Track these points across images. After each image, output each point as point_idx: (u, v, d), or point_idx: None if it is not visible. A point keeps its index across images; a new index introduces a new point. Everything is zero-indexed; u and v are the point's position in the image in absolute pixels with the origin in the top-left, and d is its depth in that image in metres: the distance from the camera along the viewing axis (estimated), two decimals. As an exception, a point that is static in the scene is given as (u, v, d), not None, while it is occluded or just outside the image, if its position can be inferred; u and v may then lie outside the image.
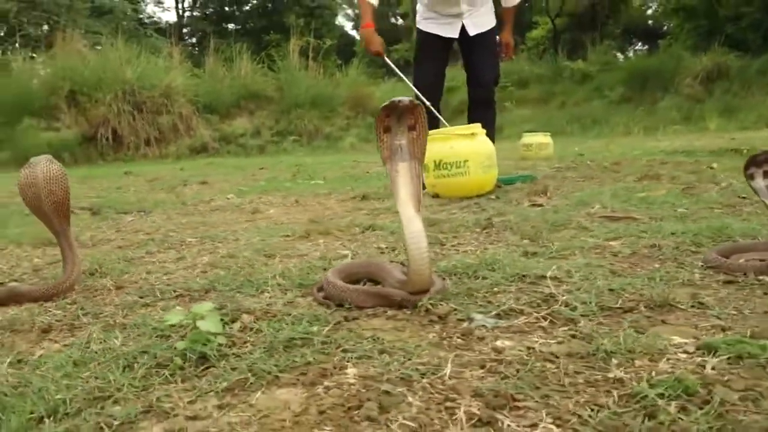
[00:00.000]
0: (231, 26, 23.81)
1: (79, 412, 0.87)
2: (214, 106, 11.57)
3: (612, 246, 1.79)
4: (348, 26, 29.63)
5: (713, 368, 0.89)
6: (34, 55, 13.21)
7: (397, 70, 3.99)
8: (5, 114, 9.63)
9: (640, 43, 21.83)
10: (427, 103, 3.41)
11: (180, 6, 24.84)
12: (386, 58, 3.72)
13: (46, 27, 16.90)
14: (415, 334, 1.15)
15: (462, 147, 3.09)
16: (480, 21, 3.57)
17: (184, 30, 24.13)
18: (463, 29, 3.54)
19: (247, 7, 24.07)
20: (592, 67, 14.93)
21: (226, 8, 24.29)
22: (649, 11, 23.16)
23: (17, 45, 15.93)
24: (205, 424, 0.83)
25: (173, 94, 10.71)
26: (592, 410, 0.80)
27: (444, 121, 3.65)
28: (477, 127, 3.22)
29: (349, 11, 28.80)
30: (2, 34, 17.03)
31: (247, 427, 0.81)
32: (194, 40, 23.74)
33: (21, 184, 1.56)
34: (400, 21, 25.78)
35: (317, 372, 0.97)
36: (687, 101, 11.98)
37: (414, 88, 3.55)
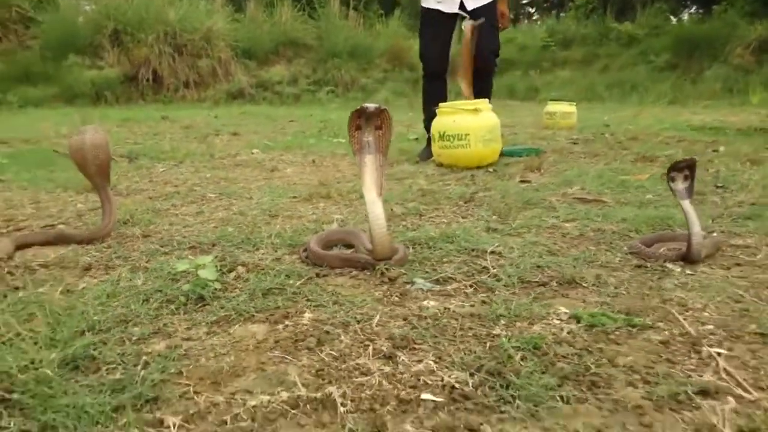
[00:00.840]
0: (273, -30, 23.64)
1: (109, 329, 1.23)
2: (252, 52, 11.76)
3: (565, 227, 2.05)
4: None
5: (569, 332, 1.19)
6: (79, -9, 13.55)
7: None
8: (52, 50, 10.06)
9: (694, 7, 20.79)
10: (466, 16, 3.61)
11: (224, -53, 24.69)
12: None
13: (92, -36, 17.18)
14: (367, 291, 1.47)
15: (464, 121, 3.32)
16: None
17: (228, -29, 24.08)
18: (462, 4, 3.68)
19: (290, -49, 23.78)
20: (640, 30, 14.43)
21: (269, -49, 24.04)
22: (709, -29, 21.93)
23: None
24: (195, 343, 1.18)
25: (213, 38, 10.95)
26: (465, 354, 1.11)
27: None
28: (482, 103, 3.43)
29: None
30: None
31: (223, 348, 1.16)
32: (237, -18, 23.70)
33: (71, 148, 1.91)
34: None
35: (282, 314, 1.31)
36: (735, 72, 11.57)
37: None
